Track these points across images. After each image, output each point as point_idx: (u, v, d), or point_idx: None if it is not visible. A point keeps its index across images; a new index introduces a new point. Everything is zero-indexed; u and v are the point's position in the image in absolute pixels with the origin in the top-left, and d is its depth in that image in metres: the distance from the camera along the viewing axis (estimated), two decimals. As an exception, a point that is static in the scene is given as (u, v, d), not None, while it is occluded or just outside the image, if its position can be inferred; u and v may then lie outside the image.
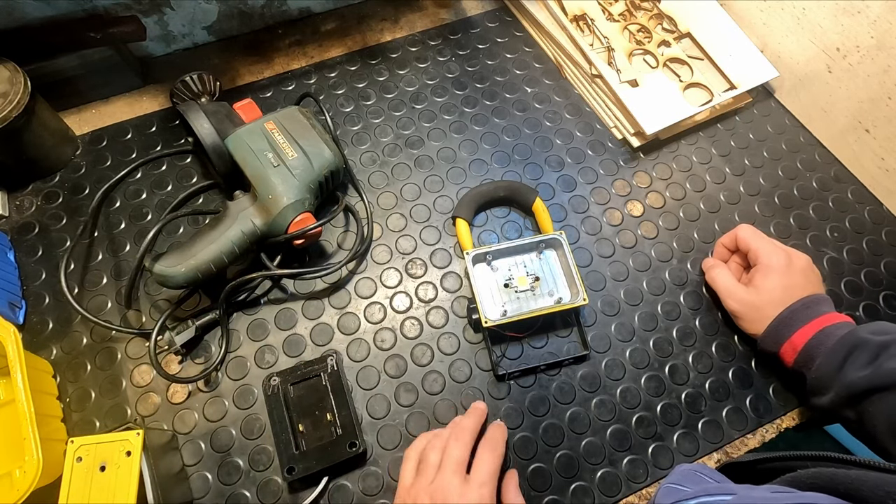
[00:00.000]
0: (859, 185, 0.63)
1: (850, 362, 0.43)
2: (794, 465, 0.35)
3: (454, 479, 0.40)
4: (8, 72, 0.51)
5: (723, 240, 0.56)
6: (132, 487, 0.39)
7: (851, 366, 0.43)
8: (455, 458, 0.41)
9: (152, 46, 0.66)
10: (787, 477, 0.33)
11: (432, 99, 0.67)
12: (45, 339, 0.51)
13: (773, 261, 0.49)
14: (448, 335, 0.53)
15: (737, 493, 0.31)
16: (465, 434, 0.43)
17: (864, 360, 0.43)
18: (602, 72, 0.64)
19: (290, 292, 0.54)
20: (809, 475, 0.32)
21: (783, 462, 0.38)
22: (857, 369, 0.42)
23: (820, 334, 0.46)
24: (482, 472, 0.41)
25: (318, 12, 0.73)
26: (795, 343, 0.47)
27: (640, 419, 0.50)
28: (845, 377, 0.43)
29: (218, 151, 0.52)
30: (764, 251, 0.50)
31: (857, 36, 0.58)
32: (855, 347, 0.43)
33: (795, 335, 0.47)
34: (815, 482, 0.31)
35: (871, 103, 0.59)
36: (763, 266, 0.50)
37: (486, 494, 0.40)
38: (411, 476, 0.42)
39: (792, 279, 0.49)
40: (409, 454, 0.44)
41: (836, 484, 0.30)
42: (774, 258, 0.49)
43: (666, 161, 0.64)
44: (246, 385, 0.50)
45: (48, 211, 0.58)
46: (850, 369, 0.43)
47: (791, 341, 0.47)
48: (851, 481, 0.29)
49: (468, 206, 0.57)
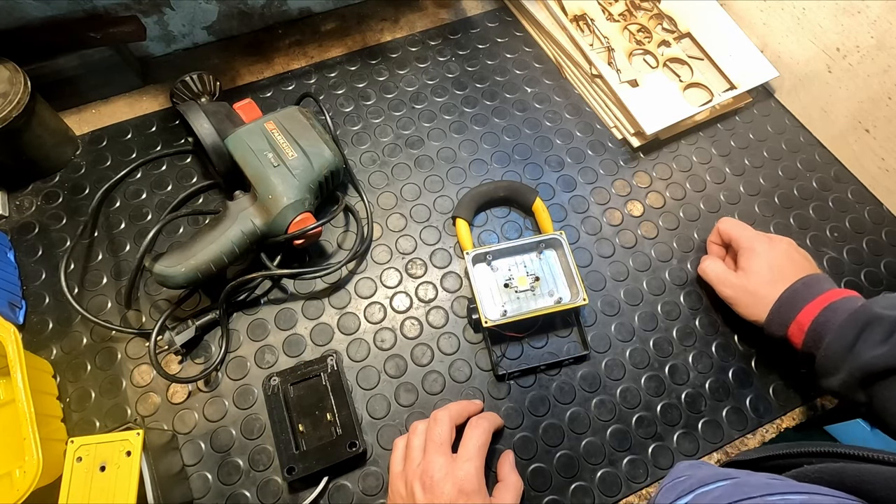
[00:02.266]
0: (859, 185, 0.63)
1: (863, 340, 0.41)
2: (800, 461, 0.35)
3: (439, 458, 0.41)
4: (8, 72, 0.51)
5: (710, 238, 0.57)
6: (132, 487, 0.39)
7: (864, 344, 0.40)
8: (438, 438, 0.42)
9: (152, 46, 0.66)
10: (792, 473, 0.33)
11: (432, 99, 0.67)
12: (45, 339, 0.51)
13: (755, 243, 0.50)
14: (448, 335, 0.53)
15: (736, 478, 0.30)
16: (445, 414, 0.43)
17: (879, 337, 0.40)
18: (602, 72, 0.64)
19: (290, 292, 0.54)
20: (815, 470, 0.31)
21: (787, 459, 0.37)
22: (871, 347, 0.40)
23: (826, 311, 0.44)
24: (467, 448, 0.42)
25: (318, 12, 0.73)
26: (802, 322, 0.45)
27: (640, 419, 0.50)
28: (859, 357, 0.40)
29: (218, 151, 0.52)
30: (744, 236, 0.51)
31: (857, 36, 0.58)
32: (867, 324, 0.41)
33: (801, 314, 0.45)
34: (820, 477, 0.30)
35: (871, 103, 0.59)
36: (745, 249, 0.51)
37: (471, 470, 0.40)
38: (400, 464, 0.43)
39: (776, 258, 0.49)
40: (397, 443, 0.44)
41: (843, 478, 0.29)
42: (756, 241, 0.50)
43: (666, 161, 0.64)
44: (246, 385, 0.50)
45: (48, 211, 0.58)
46: (863, 348, 0.40)
47: (797, 321, 0.45)
48: (860, 475, 0.28)
49: (468, 206, 0.57)
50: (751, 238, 0.51)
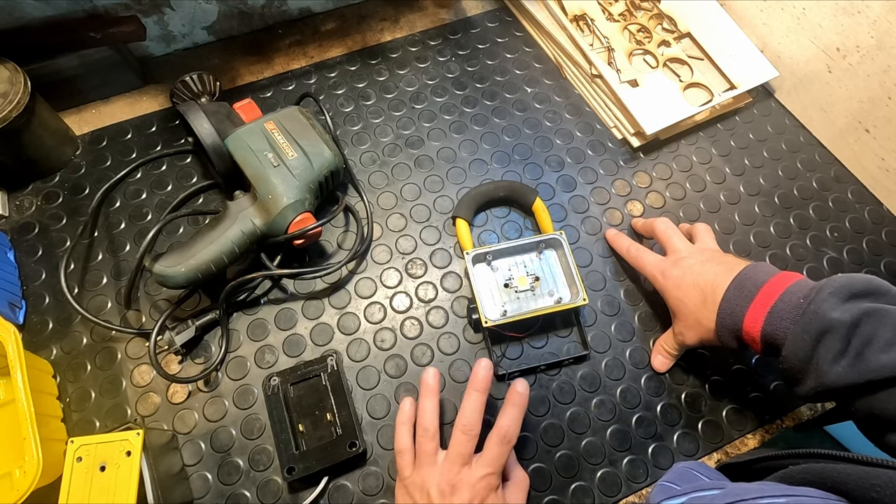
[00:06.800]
0: (859, 185, 0.63)
1: (820, 354, 0.37)
2: (787, 463, 0.35)
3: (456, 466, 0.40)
4: (8, 72, 0.51)
5: (635, 223, 0.58)
6: (132, 487, 0.39)
7: (823, 359, 0.37)
8: (462, 447, 0.41)
9: (152, 46, 0.66)
10: (779, 474, 0.33)
11: (432, 99, 0.67)
12: (45, 339, 0.51)
13: (681, 246, 0.49)
14: (448, 335, 0.53)
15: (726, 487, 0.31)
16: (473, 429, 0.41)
17: (837, 346, 0.36)
18: (602, 72, 0.64)
19: (290, 292, 0.54)
20: (799, 471, 0.32)
21: (777, 461, 0.37)
22: (830, 363, 0.36)
23: (771, 317, 0.39)
24: (491, 461, 0.40)
25: (318, 12, 0.73)
26: (751, 333, 0.41)
27: (640, 419, 0.50)
28: (820, 372, 0.37)
29: (218, 151, 0.52)
30: (672, 242, 0.50)
31: (857, 36, 0.58)
32: (822, 334, 0.37)
33: (746, 322, 0.41)
34: (805, 477, 0.31)
35: (871, 103, 0.59)
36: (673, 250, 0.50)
37: (493, 482, 0.40)
38: (409, 469, 0.42)
39: (700, 273, 0.46)
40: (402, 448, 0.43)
41: (823, 479, 0.30)
42: (680, 244, 0.50)
43: (666, 161, 0.64)
44: (246, 385, 0.50)
45: (48, 211, 0.58)
46: (822, 363, 0.37)
47: (746, 331, 0.41)
48: (838, 475, 0.29)
49: (468, 206, 0.57)
50: (676, 242, 0.50)
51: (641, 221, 0.57)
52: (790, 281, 0.41)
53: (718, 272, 0.44)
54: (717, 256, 0.47)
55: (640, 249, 0.52)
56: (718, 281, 0.44)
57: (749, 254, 0.58)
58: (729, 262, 0.45)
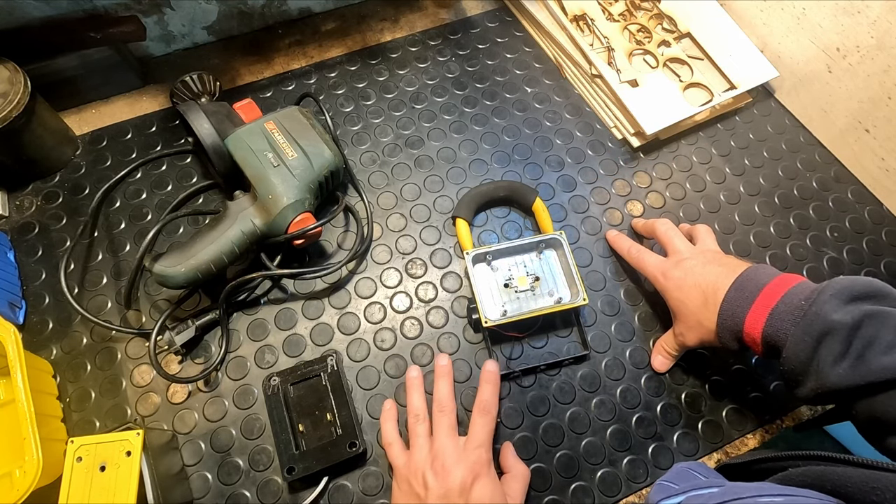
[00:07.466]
0: (859, 185, 0.63)
1: (821, 355, 0.37)
2: (787, 464, 0.35)
3: (449, 443, 0.41)
4: (8, 72, 0.51)
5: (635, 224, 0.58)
6: (132, 487, 0.39)
7: (824, 361, 0.37)
8: (446, 426, 0.43)
9: (152, 46, 0.66)
10: (778, 476, 0.33)
11: (432, 99, 0.67)
12: (45, 339, 0.51)
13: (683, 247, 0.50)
14: (448, 335, 0.53)
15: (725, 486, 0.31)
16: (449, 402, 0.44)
17: (837, 349, 0.36)
18: (602, 72, 0.64)
19: (290, 292, 0.54)
20: (799, 473, 0.32)
21: (777, 462, 0.37)
22: (831, 365, 0.36)
23: (772, 319, 0.39)
24: (477, 434, 0.42)
25: (318, 12, 0.73)
26: (752, 335, 0.41)
27: (640, 419, 0.50)
28: (821, 374, 0.37)
29: (218, 151, 0.52)
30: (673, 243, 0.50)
31: (857, 36, 0.58)
32: (823, 335, 0.37)
33: (747, 324, 0.41)
34: (804, 479, 0.31)
35: (871, 103, 0.59)
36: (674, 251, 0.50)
37: (483, 455, 0.41)
38: (402, 457, 0.43)
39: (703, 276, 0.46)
40: (390, 440, 0.45)
41: (823, 481, 0.30)
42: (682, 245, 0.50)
43: (666, 161, 0.64)
44: (246, 385, 0.50)
45: (48, 211, 0.58)
46: (823, 364, 0.37)
47: (747, 333, 0.41)
48: (838, 478, 0.29)
49: (468, 206, 0.57)
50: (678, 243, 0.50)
51: (642, 222, 0.57)
52: (791, 283, 0.41)
53: (720, 274, 0.44)
54: (718, 258, 0.47)
55: (642, 250, 0.53)
56: (720, 282, 0.44)
57: (749, 254, 0.58)
58: (730, 263, 0.46)
